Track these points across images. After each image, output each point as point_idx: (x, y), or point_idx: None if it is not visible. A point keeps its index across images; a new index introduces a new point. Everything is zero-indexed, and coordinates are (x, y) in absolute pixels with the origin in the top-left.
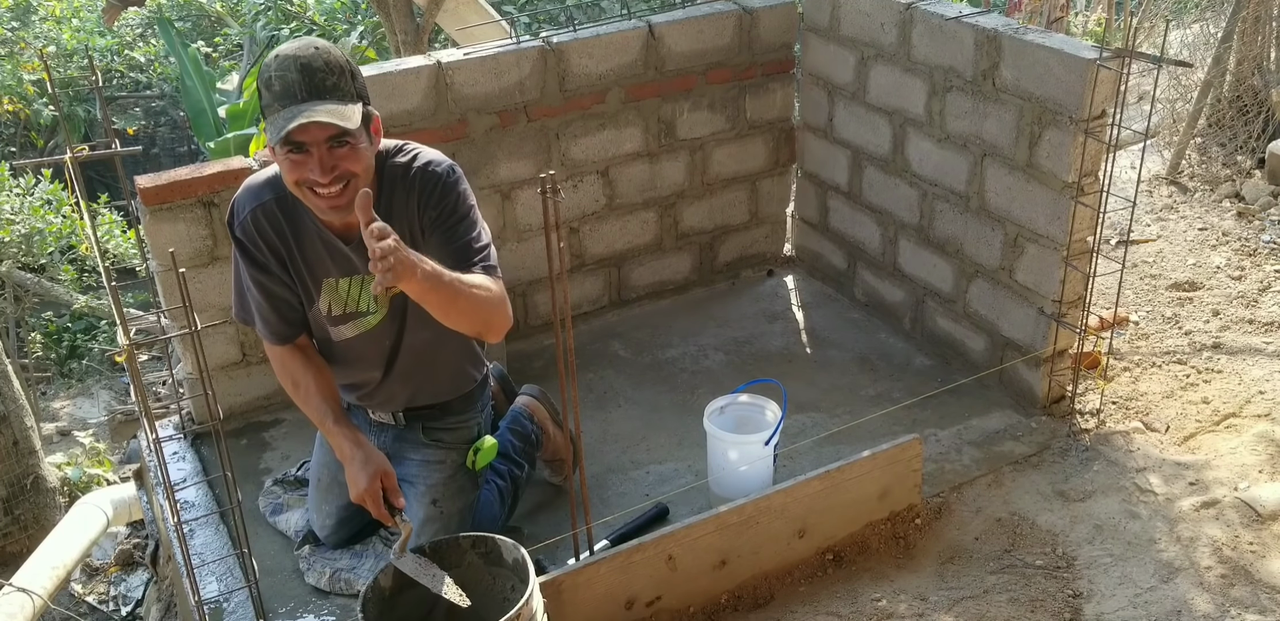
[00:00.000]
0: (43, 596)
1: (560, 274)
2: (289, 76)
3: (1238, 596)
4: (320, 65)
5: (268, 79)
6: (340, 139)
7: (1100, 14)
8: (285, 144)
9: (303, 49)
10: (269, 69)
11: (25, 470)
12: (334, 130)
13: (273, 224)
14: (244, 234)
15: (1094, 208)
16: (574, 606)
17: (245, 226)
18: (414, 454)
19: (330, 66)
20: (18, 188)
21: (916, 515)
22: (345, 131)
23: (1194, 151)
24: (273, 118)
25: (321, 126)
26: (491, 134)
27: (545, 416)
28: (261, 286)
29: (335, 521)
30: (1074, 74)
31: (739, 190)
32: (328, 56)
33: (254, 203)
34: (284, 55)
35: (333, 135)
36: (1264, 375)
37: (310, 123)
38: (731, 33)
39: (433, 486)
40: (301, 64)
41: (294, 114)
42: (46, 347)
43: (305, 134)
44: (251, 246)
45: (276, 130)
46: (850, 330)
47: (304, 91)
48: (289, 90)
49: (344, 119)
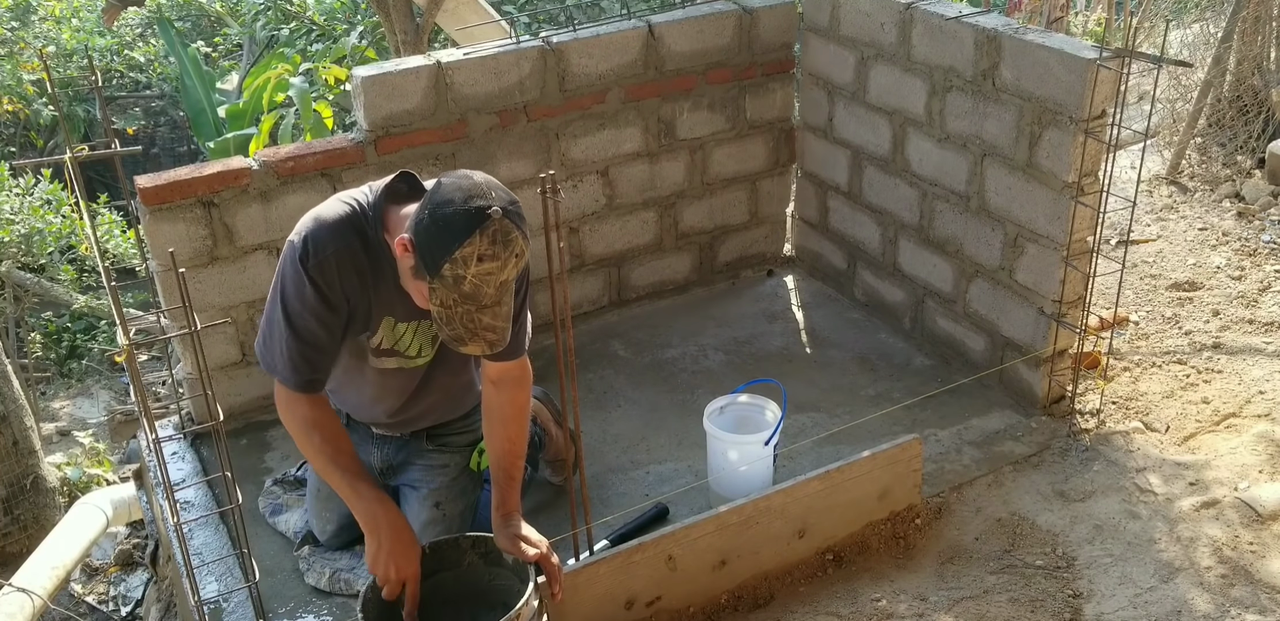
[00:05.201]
0: (42, 596)
1: (560, 274)
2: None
3: (1238, 596)
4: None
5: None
6: None
7: (1100, 14)
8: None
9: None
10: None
11: (25, 470)
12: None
13: (356, 266)
14: (321, 273)
15: (1094, 208)
16: (574, 606)
17: (326, 266)
18: (418, 460)
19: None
20: (17, 188)
21: (916, 515)
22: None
23: (1194, 151)
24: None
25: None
26: (491, 134)
27: (548, 417)
28: (317, 325)
29: (336, 527)
30: (1074, 74)
31: (739, 190)
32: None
33: (337, 244)
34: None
35: None
36: (1264, 375)
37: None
38: (731, 32)
39: (436, 490)
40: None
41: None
42: (46, 347)
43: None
44: (325, 286)
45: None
46: (850, 330)
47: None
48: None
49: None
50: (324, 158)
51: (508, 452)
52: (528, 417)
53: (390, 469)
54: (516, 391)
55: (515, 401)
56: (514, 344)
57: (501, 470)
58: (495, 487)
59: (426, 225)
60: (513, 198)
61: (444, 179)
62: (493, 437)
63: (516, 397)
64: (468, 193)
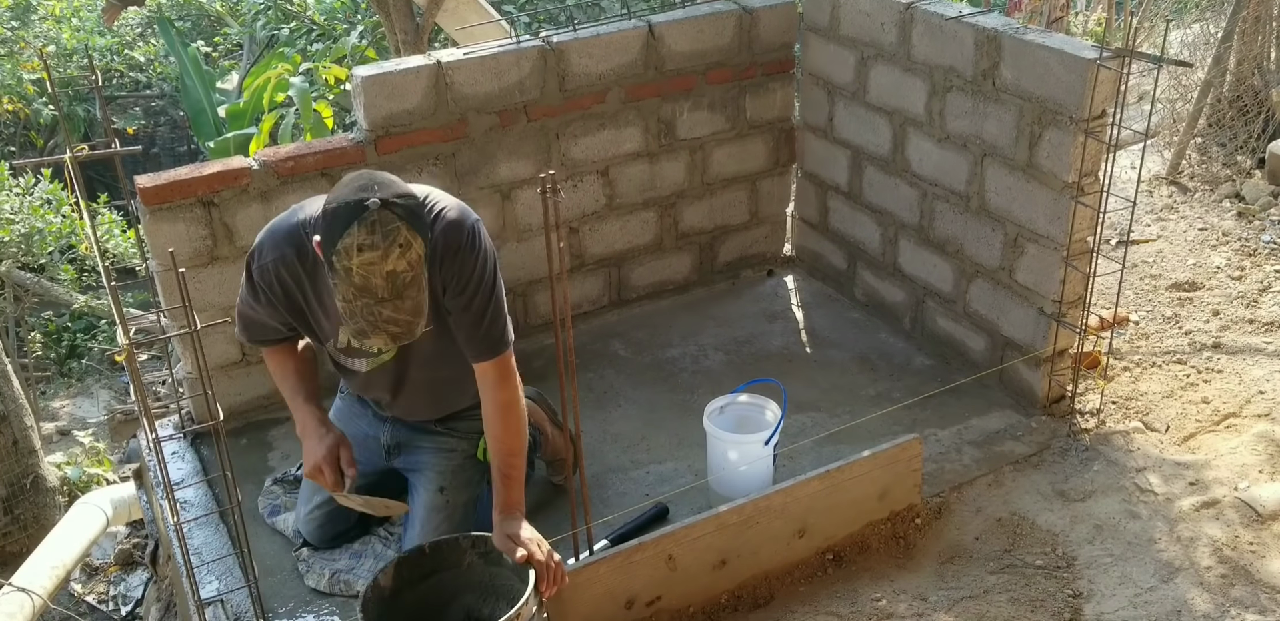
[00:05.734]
0: (42, 596)
1: (560, 274)
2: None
3: (1238, 596)
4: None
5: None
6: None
7: (1100, 14)
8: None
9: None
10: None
11: (25, 470)
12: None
13: (293, 277)
14: (261, 278)
15: (1094, 207)
16: (574, 606)
17: (264, 272)
18: (425, 442)
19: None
20: (17, 187)
21: (916, 515)
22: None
23: (1194, 151)
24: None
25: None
26: (491, 134)
27: (543, 417)
28: (250, 308)
29: (322, 513)
30: (1074, 74)
31: (739, 190)
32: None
33: (274, 254)
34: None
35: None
36: (1264, 375)
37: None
38: (731, 32)
39: (441, 473)
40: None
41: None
42: (46, 347)
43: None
44: (264, 290)
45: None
46: (850, 330)
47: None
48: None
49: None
50: (324, 157)
51: (498, 451)
52: (517, 416)
53: (397, 446)
54: (497, 391)
55: (497, 401)
56: (485, 343)
57: (496, 468)
58: (493, 485)
59: (319, 220)
60: (405, 192)
61: (344, 177)
62: (487, 435)
63: (498, 397)
64: (356, 187)
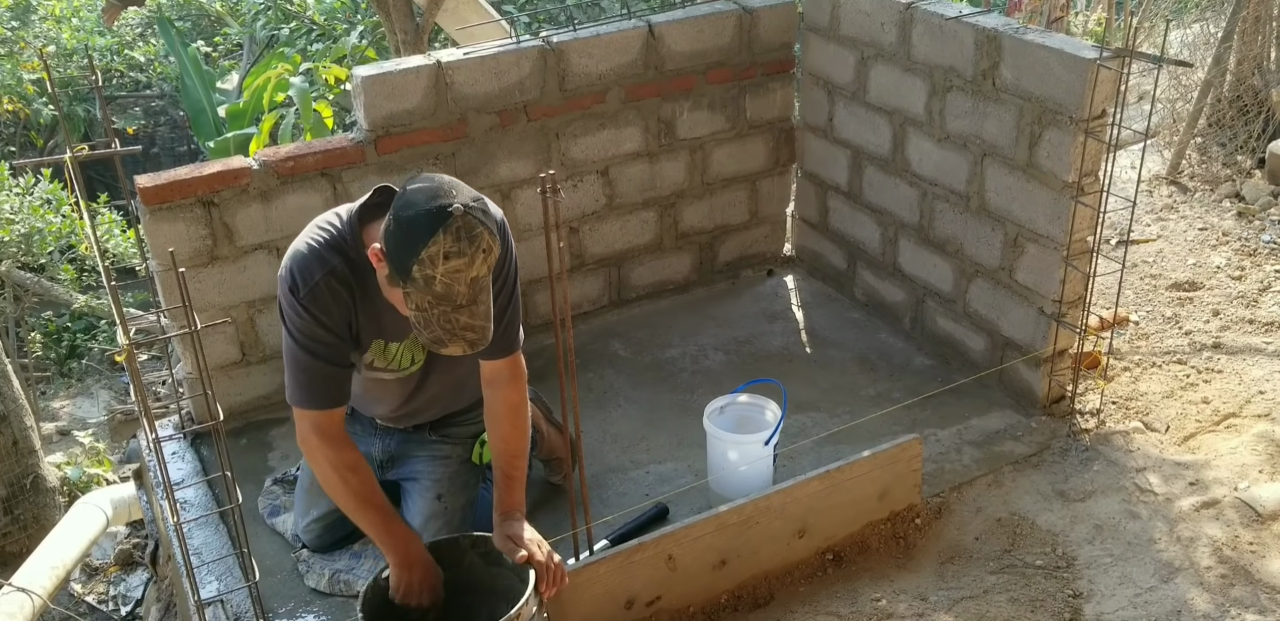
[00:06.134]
0: (42, 596)
1: (560, 274)
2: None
3: (1238, 596)
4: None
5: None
6: None
7: (1100, 14)
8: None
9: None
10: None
11: (25, 470)
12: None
13: (346, 287)
14: (314, 301)
15: (1094, 207)
16: (574, 606)
17: (318, 292)
18: (420, 451)
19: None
20: (17, 187)
21: (916, 515)
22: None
23: (1194, 151)
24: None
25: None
26: (491, 134)
27: (538, 415)
28: (325, 350)
29: (321, 526)
30: (1074, 74)
31: (739, 190)
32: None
33: (324, 268)
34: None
35: None
36: (1264, 375)
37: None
38: (731, 32)
39: (438, 481)
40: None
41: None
42: (46, 347)
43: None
44: (321, 313)
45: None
46: (850, 330)
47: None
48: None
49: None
50: (324, 157)
51: (503, 452)
52: (523, 417)
53: (391, 460)
54: (509, 390)
55: (508, 400)
56: (503, 342)
57: (499, 469)
58: (495, 486)
59: (393, 230)
60: (476, 196)
61: (409, 184)
62: (491, 437)
63: (509, 396)
64: (430, 194)
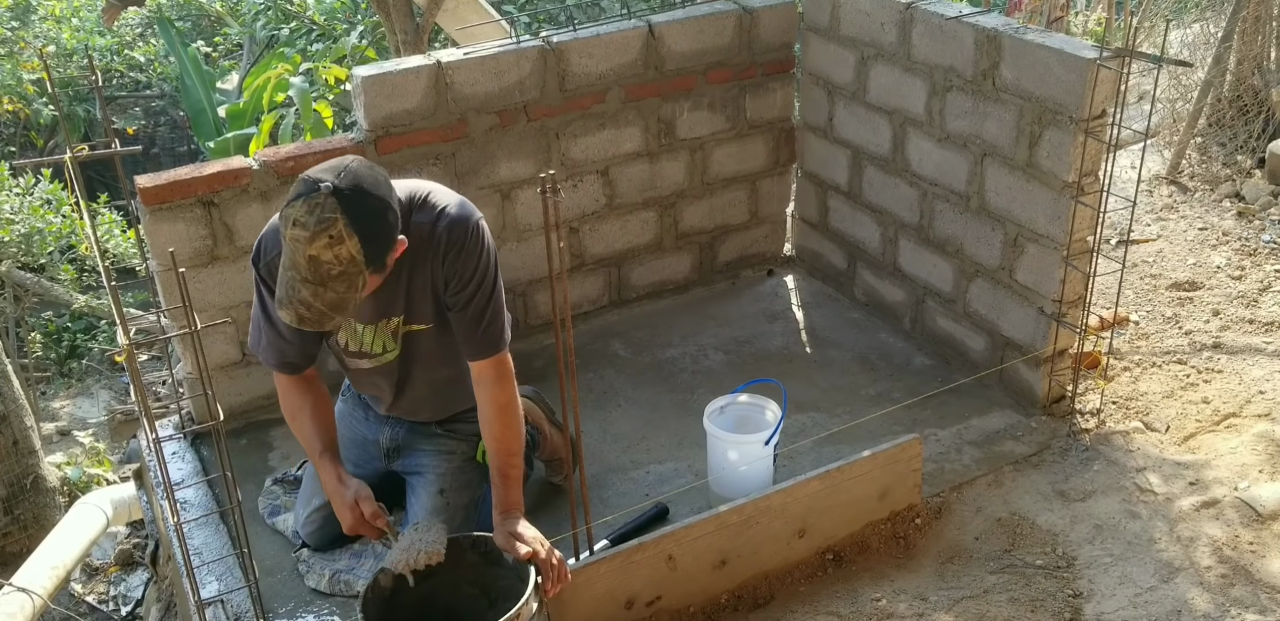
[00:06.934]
0: (43, 596)
1: (560, 274)
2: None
3: (1238, 596)
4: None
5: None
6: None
7: (1100, 14)
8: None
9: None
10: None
11: (25, 470)
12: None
13: None
14: (268, 273)
15: (1094, 207)
16: (574, 606)
17: (271, 266)
18: (425, 444)
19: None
20: (17, 187)
21: (916, 515)
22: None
23: (1194, 151)
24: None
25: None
26: (491, 134)
27: (540, 416)
28: (275, 323)
29: (321, 516)
30: (1074, 74)
31: (739, 190)
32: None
33: (276, 249)
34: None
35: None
36: (1264, 375)
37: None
38: (731, 32)
39: (441, 475)
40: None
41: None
42: (46, 347)
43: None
44: (274, 283)
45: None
46: (850, 330)
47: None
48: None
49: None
50: (324, 157)
51: (498, 451)
52: (514, 416)
53: (396, 449)
54: (495, 390)
55: (495, 400)
56: (483, 342)
57: (495, 468)
58: (493, 485)
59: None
60: (371, 191)
61: (369, 167)
62: (485, 437)
63: (496, 396)
64: (329, 167)
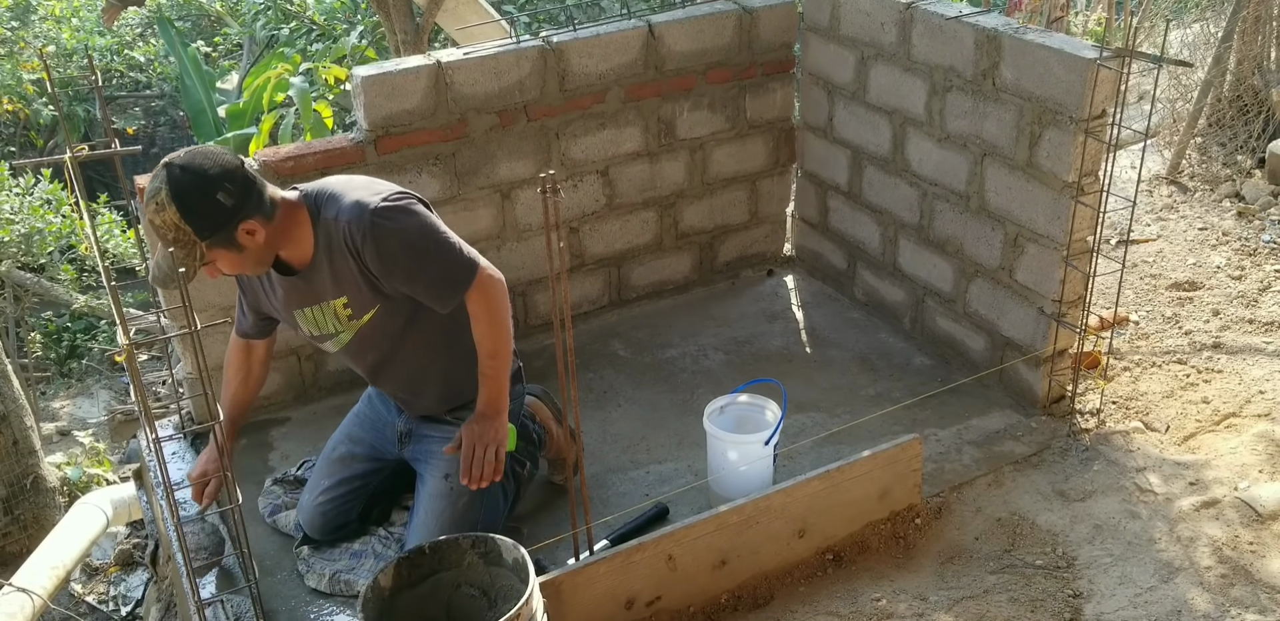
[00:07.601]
0: (42, 596)
1: (560, 274)
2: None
3: (1238, 596)
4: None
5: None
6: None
7: (1100, 14)
8: None
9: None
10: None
11: (25, 470)
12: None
13: None
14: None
15: (1094, 207)
16: (574, 606)
17: None
18: (434, 431)
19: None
20: (17, 187)
21: (916, 515)
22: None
23: (1194, 151)
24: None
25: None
26: (491, 134)
27: (548, 415)
28: (242, 290)
29: (327, 500)
30: (1074, 74)
31: (739, 190)
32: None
33: None
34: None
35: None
36: (1264, 375)
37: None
38: (731, 32)
39: (448, 460)
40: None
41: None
42: (46, 347)
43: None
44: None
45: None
46: (850, 330)
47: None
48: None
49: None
50: (324, 157)
51: (481, 354)
52: (498, 323)
53: (408, 434)
54: (478, 306)
55: (480, 316)
56: (444, 292)
57: (479, 370)
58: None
59: None
60: (204, 172)
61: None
62: (476, 344)
63: (478, 312)
64: (193, 149)
